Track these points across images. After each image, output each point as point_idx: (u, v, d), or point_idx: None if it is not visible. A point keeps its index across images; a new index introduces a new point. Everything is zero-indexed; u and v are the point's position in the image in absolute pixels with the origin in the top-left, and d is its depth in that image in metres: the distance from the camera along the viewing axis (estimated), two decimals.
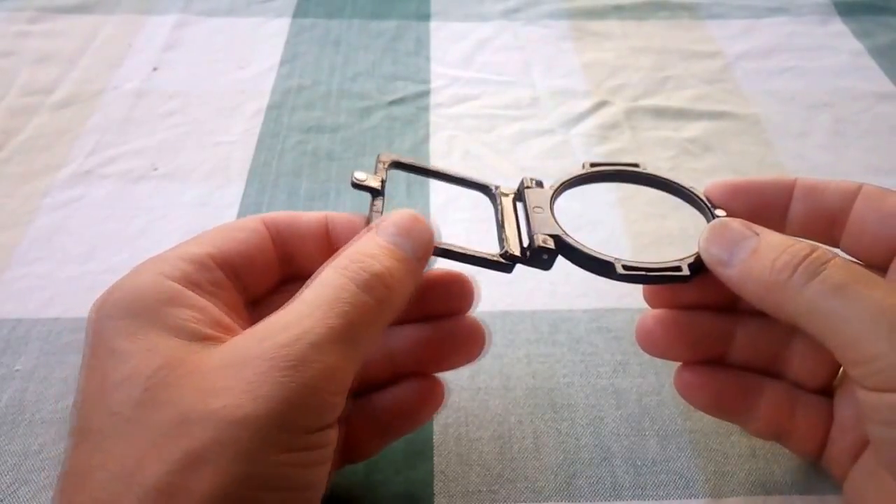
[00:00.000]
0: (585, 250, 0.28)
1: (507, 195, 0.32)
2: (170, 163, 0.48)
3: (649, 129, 0.51)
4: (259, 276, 0.28)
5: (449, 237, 0.29)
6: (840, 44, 0.60)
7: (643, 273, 0.28)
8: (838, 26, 0.62)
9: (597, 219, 0.44)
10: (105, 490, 0.20)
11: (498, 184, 0.33)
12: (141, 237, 0.43)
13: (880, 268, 0.28)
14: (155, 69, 0.56)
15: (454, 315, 0.31)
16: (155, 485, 0.20)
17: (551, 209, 0.30)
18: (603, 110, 0.53)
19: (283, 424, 0.21)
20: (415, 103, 0.53)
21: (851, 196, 0.28)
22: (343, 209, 0.45)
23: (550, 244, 0.28)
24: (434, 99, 0.54)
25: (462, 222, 0.44)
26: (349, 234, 0.27)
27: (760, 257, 0.25)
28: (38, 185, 0.46)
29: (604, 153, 0.49)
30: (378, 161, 0.30)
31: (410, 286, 0.26)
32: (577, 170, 0.33)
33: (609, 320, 0.38)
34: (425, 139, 0.50)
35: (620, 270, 0.28)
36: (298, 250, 0.28)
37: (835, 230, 0.29)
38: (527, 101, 0.54)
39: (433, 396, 0.30)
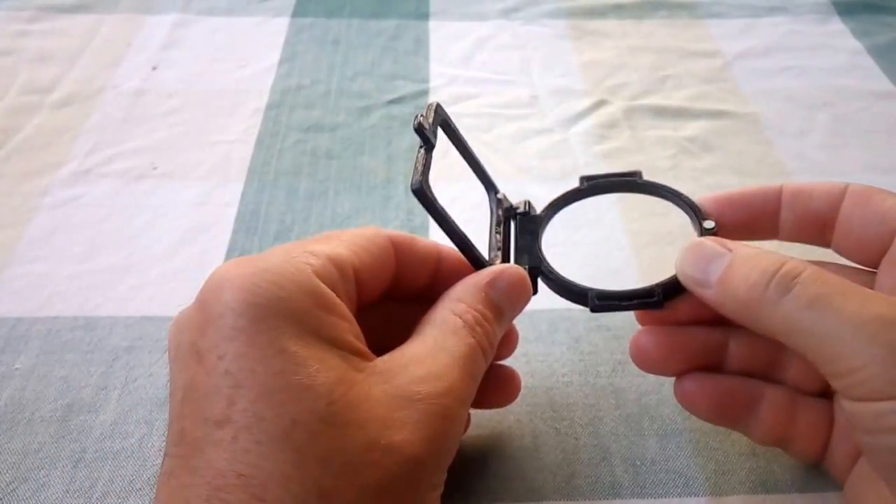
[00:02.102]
0: (561, 280, 0.30)
1: (505, 206, 0.33)
2: (169, 162, 0.48)
3: (648, 128, 0.51)
4: (374, 288, 0.28)
5: (448, 239, 0.29)
6: (839, 43, 0.60)
7: (616, 303, 0.29)
8: (837, 25, 0.62)
9: (595, 217, 0.44)
10: (287, 501, 0.20)
11: (502, 192, 0.33)
12: (140, 236, 0.43)
13: (871, 267, 0.28)
14: (154, 68, 0.56)
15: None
16: None
17: (539, 235, 0.32)
18: (602, 109, 0.53)
19: (437, 466, 0.24)
20: (414, 102, 0.53)
21: (838, 197, 0.28)
22: (342, 209, 0.45)
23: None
24: (433, 98, 0.54)
25: (460, 223, 0.44)
26: (456, 273, 0.29)
27: (734, 274, 0.25)
28: (38, 183, 0.46)
29: (603, 152, 0.49)
30: (429, 110, 0.30)
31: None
32: (572, 185, 0.33)
33: (608, 319, 0.38)
34: None
35: (594, 302, 0.29)
36: (410, 272, 0.29)
37: (825, 232, 0.29)
38: (526, 100, 0.54)
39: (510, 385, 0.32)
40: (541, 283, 0.31)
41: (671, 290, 0.28)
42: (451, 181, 0.46)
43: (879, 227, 0.27)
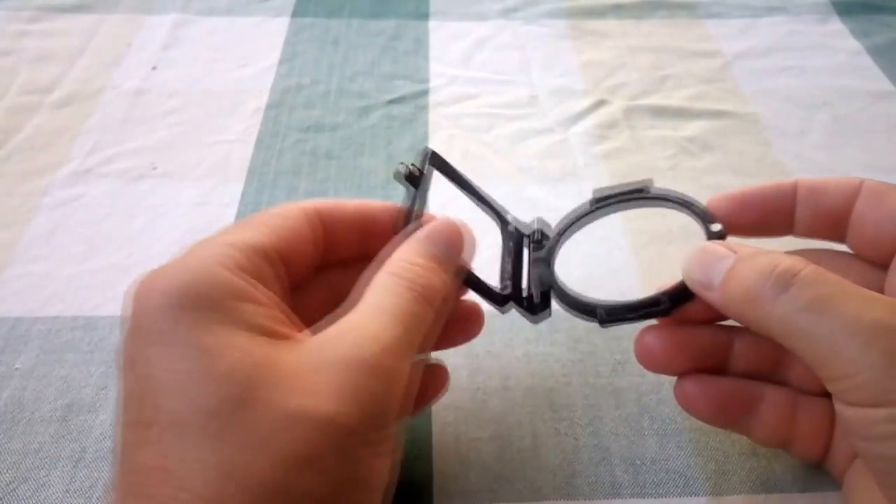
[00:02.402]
0: (572, 297, 0.30)
1: (515, 237, 0.33)
2: (169, 162, 0.48)
3: (648, 128, 0.51)
4: (300, 265, 0.28)
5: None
6: (838, 43, 0.60)
7: (624, 315, 0.29)
8: (837, 26, 0.62)
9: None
10: (208, 486, 0.21)
11: (512, 218, 0.33)
12: (140, 236, 0.43)
13: (882, 265, 0.28)
14: (154, 68, 0.56)
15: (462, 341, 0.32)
16: (263, 482, 0.21)
17: (552, 258, 0.32)
18: (602, 109, 0.53)
19: (372, 424, 0.23)
20: (414, 102, 0.53)
21: (853, 194, 0.28)
22: None
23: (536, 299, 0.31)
24: (433, 98, 0.54)
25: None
26: (386, 224, 0.29)
27: (736, 275, 0.25)
28: (38, 183, 0.46)
29: (602, 152, 0.49)
30: (423, 157, 0.31)
31: (452, 295, 0.28)
32: (583, 208, 0.32)
33: None
34: (424, 138, 0.50)
35: (603, 317, 0.29)
36: (338, 238, 0.29)
37: (841, 228, 0.29)
38: (525, 100, 0.54)
39: (436, 380, 0.31)
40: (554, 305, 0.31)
41: (678, 297, 0.28)
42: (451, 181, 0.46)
43: (893, 225, 0.27)
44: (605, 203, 0.32)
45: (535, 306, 0.31)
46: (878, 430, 0.22)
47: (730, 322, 0.29)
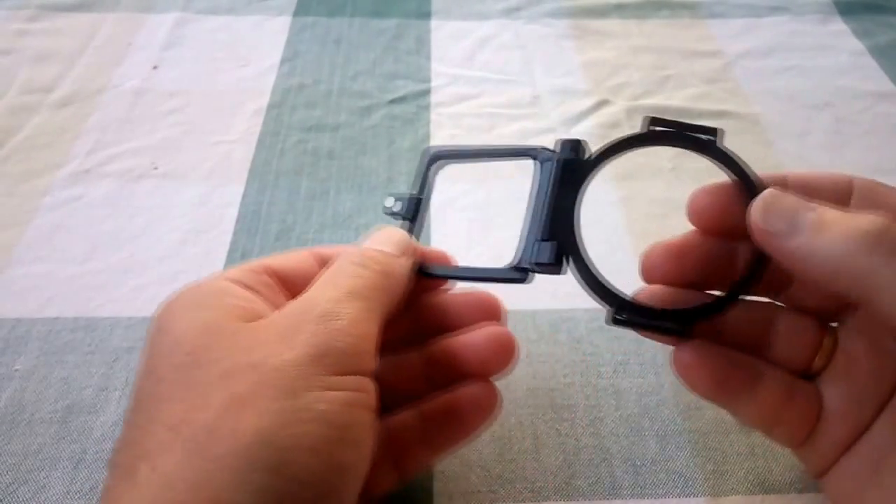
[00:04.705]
0: (592, 274, 0.28)
1: (550, 159, 0.30)
2: (170, 162, 0.48)
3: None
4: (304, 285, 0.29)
5: (448, 236, 0.29)
6: (840, 43, 0.60)
7: (641, 320, 0.27)
8: (839, 25, 0.62)
9: (598, 218, 0.44)
10: (155, 443, 0.22)
11: (543, 147, 0.30)
12: (141, 236, 0.43)
13: None
14: (155, 68, 0.56)
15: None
16: (201, 428, 0.22)
17: (579, 195, 0.29)
18: (603, 109, 0.53)
19: (317, 365, 0.23)
20: (415, 102, 0.53)
21: (846, 191, 0.28)
22: (343, 208, 0.45)
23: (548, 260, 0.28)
24: (434, 98, 0.54)
25: (462, 222, 0.44)
26: None
27: (829, 231, 0.24)
28: (38, 184, 0.46)
29: None
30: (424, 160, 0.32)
31: (400, 271, 0.29)
32: (635, 134, 0.29)
33: None
34: (426, 138, 0.50)
35: (619, 315, 0.27)
36: None
37: None
38: (527, 99, 0.54)
39: (485, 400, 0.30)
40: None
41: (703, 313, 0.27)
42: (452, 181, 0.46)
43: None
44: (664, 133, 0.29)
45: (538, 267, 0.28)
46: None
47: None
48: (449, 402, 0.30)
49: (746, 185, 0.28)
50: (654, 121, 0.29)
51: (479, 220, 0.44)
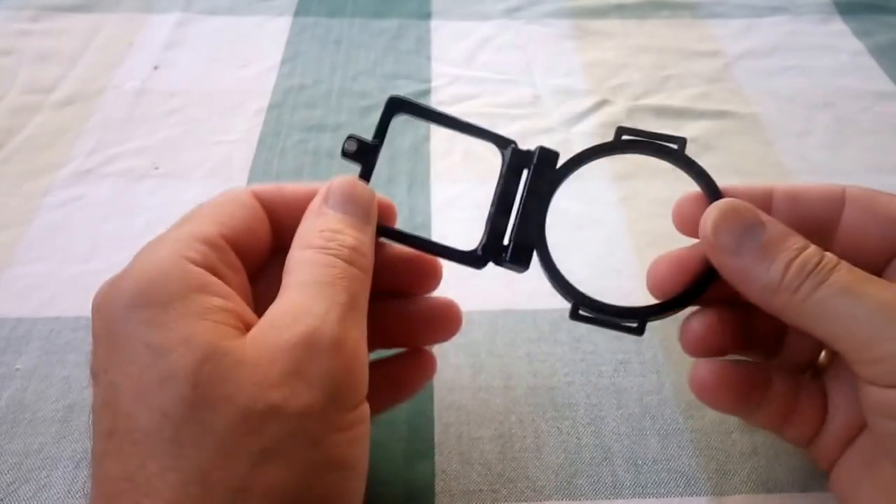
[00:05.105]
0: (556, 271, 0.29)
1: (516, 157, 0.31)
2: (171, 162, 0.48)
3: (650, 128, 0.51)
4: (256, 250, 0.28)
5: (448, 236, 0.29)
6: (840, 43, 0.60)
7: (599, 316, 0.29)
8: (839, 25, 0.62)
9: (598, 218, 0.44)
10: (172, 490, 0.20)
11: (514, 141, 0.31)
12: (142, 236, 0.42)
13: (876, 272, 0.28)
14: (156, 68, 0.56)
15: (420, 293, 0.31)
16: (227, 482, 0.20)
17: (548, 200, 0.30)
18: (604, 109, 0.53)
19: (335, 406, 0.22)
20: None
21: (838, 203, 0.28)
22: None
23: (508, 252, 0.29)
24: (435, 98, 0.54)
25: (462, 221, 0.44)
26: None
27: (768, 256, 0.25)
28: (39, 183, 0.46)
29: None
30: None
31: (372, 248, 0.27)
32: (607, 143, 0.31)
33: None
34: (426, 138, 0.50)
35: (582, 312, 0.28)
36: (288, 220, 0.28)
37: (824, 236, 0.28)
38: (528, 99, 0.54)
39: (424, 370, 0.31)
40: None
41: (657, 311, 0.28)
42: (452, 181, 0.46)
43: (888, 230, 0.27)
44: (632, 142, 0.30)
45: (517, 254, 0.29)
46: None
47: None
48: (389, 368, 0.30)
49: (708, 193, 0.29)
50: (623, 130, 0.31)
51: (480, 220, 0.44)
